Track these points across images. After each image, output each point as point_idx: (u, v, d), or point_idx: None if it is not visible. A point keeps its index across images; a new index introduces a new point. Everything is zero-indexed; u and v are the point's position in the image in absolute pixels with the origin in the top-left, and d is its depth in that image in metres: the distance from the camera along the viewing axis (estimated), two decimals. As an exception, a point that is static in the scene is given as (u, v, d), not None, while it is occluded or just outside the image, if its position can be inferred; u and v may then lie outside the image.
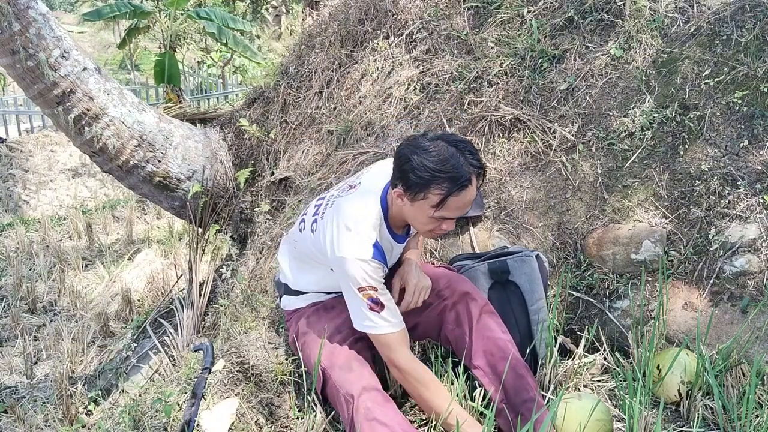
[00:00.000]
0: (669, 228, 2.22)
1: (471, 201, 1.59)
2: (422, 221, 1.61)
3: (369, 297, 1.61)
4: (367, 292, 1.61)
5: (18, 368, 4.10)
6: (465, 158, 1.55)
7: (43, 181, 8.38)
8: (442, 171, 1.53)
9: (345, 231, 1.62)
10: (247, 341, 2.09)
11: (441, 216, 1.58)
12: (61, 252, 5.92)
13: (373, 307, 1.61)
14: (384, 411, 1.55)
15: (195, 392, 1.90)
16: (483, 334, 1.72)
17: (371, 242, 1.61)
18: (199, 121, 3.73)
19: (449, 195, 1.53)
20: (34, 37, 2.73)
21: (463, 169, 1.53)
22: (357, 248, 1.60)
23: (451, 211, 1.57)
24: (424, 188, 1.54)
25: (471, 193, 1.56)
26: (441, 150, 1.55)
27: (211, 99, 13.50)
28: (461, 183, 1.53)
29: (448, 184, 1.53)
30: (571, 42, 2.62)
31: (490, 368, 1.69)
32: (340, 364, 1.67)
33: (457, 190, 1.53)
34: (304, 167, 2.90)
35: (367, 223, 1.63)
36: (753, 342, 1.93)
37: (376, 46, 2.94)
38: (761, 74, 2.28)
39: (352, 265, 1.59)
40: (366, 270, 1.60)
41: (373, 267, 1.61)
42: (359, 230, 1.62)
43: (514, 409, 1.64)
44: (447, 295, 1.81)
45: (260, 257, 2.66)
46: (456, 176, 1.53)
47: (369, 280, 1.60)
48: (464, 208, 1.59)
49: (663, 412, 1.74)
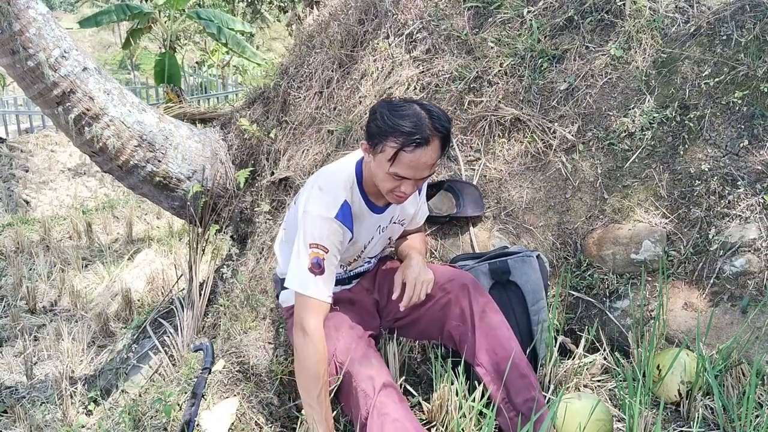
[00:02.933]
0: (669, 228, 2.22)
1: (427, 165, 1.57)
2: (381, 177, 1.61)
3: (315, 256, 1.60)
4: (317, 251, 1.60)
5: (18, 368, 4.10)
6: (431, 121, 1.54)
7: (43, 181, 8.38)
8: (400, 125, 1.53)
9: (317, 191, 1.64)
10: (247, 341, 2.09)
11: (395, 173, 1.57)
12: (61, 252, 5.92)
13: (313, 268, 1.60)
14: (397, 408, 1.54)
15: (195, 392, 1.90)
16: (487, 331, 1.72)
17: (339, 203, 1.63)
18: (199, 121, 3.73)
19: (401, 148, 1.53)
20: (34, 37, 2.73)
21: (423, 128, 1.52)
22: (323, 207, 1.62)
23: (405, 168, 1.55)
24: (382, 139, 1.55)
25: (427, 154, 1.54)
26: (408, 108, 1.56)
27: (211, 99, 13.50)
28: (416, 139, 1.52)
29: (402, 138, 1.53)
30: (571, 42, 2.62)
31: (493, 366, 1.69)
32: (359, 359, 1.64)
33: (411, 146, 1.52)
34: (304, 167, 2.90)
35: (337, 184, 1.65)
36: (753, 342, 1.93)
37: (376, 46, 2.94)
38: (761, 74, 2.28)
39: (312, 220, 1.61)
40: (324, 228, 1.60)
41: (332, 228, 1.61)
42: (329, 190, 1.64)
43: (515, 408, 1.64)
44: (450, 288, 1.79)
45: (260, 257, 2.66)
46: (413, 131, 1.52)
47: (323, 239, 1.60)
48: (419, 169, 1.56)
49: (663, 412, 1.74)
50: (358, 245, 1.80)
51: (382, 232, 1.85)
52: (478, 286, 1.81)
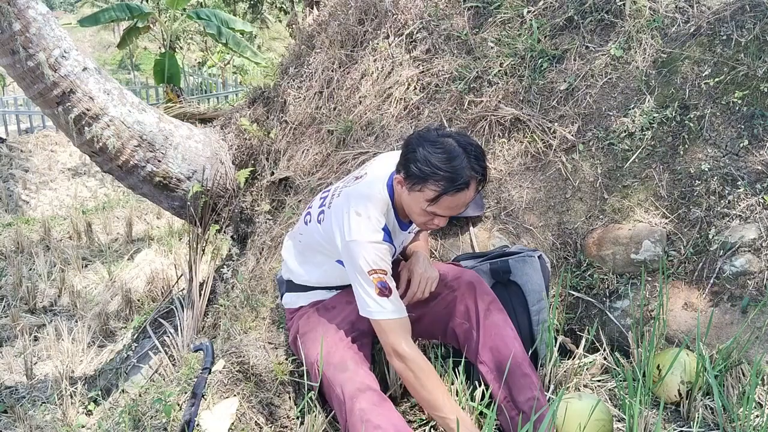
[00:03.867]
0: (669, 228, 2.22)
1: (465, 204, 1.61)
2: (416, 212, 1.63)
3: (380, 281, 1.61)
4: (378, 275, 1.61)
5: (18, 368, 4.10)
6: (469, 161, 1.56)
7: (43, 181, 8.38)
8: (442, 169, 1.54)
9: (355, 216, 1.63)
10: (247, 341, 2.09)
11: (433, 212, 1.60)
12: (61, 252, 5.92)
13: (383, 291, 1.61)
14: (379, 411, 1.54)
15: (195, 392, 1.90)
16: (491, 329, 1.73)
17: (381, 226, 1.64)
18: (199, 121, 3.73)
19: (444, 193, 1.55)
20: (34, 37, 2.73)
21: (463, 172, 1.54)
22: (368, 232, 1.62)
23: (444, 209, 1.59)
24: (423, 181, 1.56)
25: (466, 196, 1.58)
26: (447, 148, 1.56)
27: (211, 99, 13.50)
28: (458, 185, 1.54)
29: (444, 183, 1.54)
30: (571, 42, 2.62)
31: (495, 364, 1.69)
32: (335, 363, 1.67)
33: (453, 191, 1.55)
34: (304, 167, 2.90)
35: (376, 208, 1.65)
36: (753, 342, 1.93)
37: (376, 46, 2.94)
38: (761, 74, 2.28)
39: (364, 248, 1.61)
40: (378, 252, 1.62)
41: (383, 250, 1.63)
42: (369, 215, 1.63)
43: (516, 406, 1.65)
44: (456, 286, 1.80)
45: (260, 257, 2.66)
46: (454, 177, 1.54)
47: (380, 263, 1.62)
48: (457, 209, 1.62)
49: (663, 412, 1.74)
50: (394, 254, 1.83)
51: (403, 243, 1.91)
52: (484, 285, 1.82)
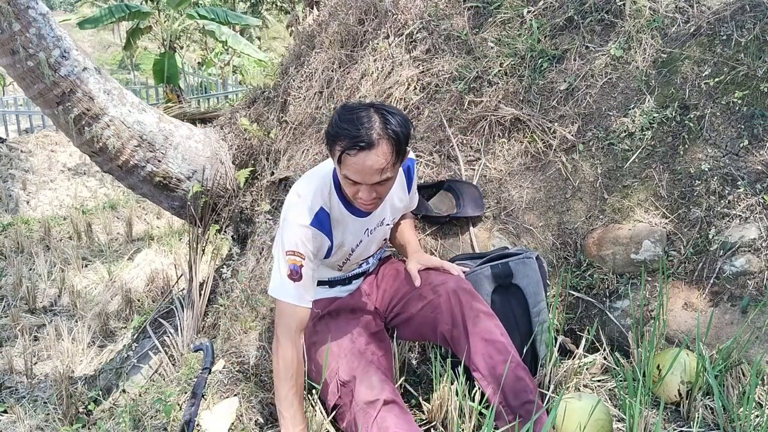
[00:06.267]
0: (669, 228, 2.22)
1: (377, 170, 1.51)
2: (343, 184, 1.61)
3: (293, 263, 1.62)
4: (294, 257, 1.63)
5: (18, 368, 4.10)
6: (382, 123, 1.50)
7: (43, 181, 8.38)
8: (344, 128, 1.50)
9: (295, 197, 1.67)
10: (247, 341, 2.09)
11: (345, 176, 1.55)
12: (61, 252, 5.92)
13: (292, 275, 1.62)
14: (398, 423, 1.53)
15: (195, 392, 1.90)
16: (481, 336, 1.69)
17: (314, 210, 1.65)
18: (199, 121, 3.73)
19: (345, 152, 1.50)
20: (34, 37, 2.73)
21: (367, 132, 1.48)
22: (299, 214, 1.64)
23: (352, 172, 1.52)
24: (332, 143, 1.54)
25: (372, 158, 1.49)
26: (358, 111, 1.53)
27: (211, 99, 13.50)
28: (358, 142, 1.47)
29: (346, 141, 1.49)
30: (571, 42, 2.62)
31: (489, 371, 1.66)
32: (360, 376, 1.63)
33: (354, 149, 1.48)
34: (304, 167, 2.90)
35: (315, 191, 1.67)
36: (753, 342, 1.93)
37: (376, 46, 2.94)
38: (761, 74, 2.28)
39: (289, 228, 1.64)
40: (300, 236, 1.63)
41: (308, 235, 1.64)
42: (306, 197, 1.66)
43: (512, 411, 1.63)
44: (441, 292, 1.77)
45: (260, 257, 2.66)
46: (356, 135, 1.48)
47: (301, 246, 1.63)
48: (367, 173, 1.51)
49: (663, 412, 1.74)
50: (345, 249, 1.80)
51: (371, 234, 1.84)
52: (469, 291, 1.78)
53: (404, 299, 1.85)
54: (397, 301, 1.87)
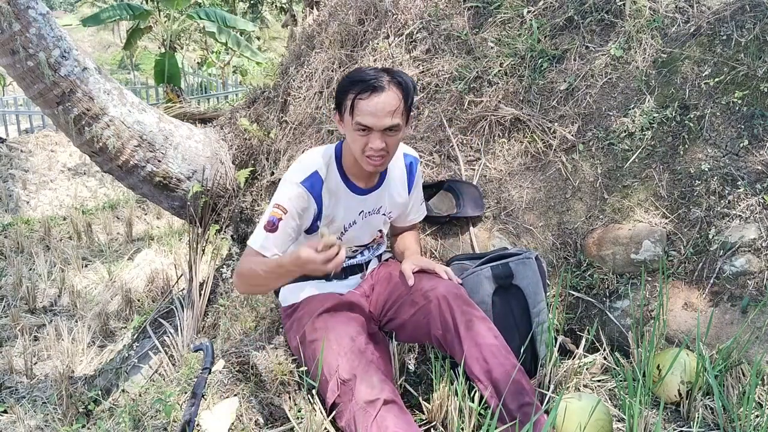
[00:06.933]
0: (669, 228, 2.22)
1: (387, 110, 1.62)
2: (351, 139, 1.69)
3: (274, 215, 1.70)
4: (277, 210, 1.70)
5: (18, 368, 4.10)
6: (389, 74, 1.64)
7: (43, 181, 8.38)
8: (356, 79, 1.64)
9: (297, 162, 1.78)
10: (247, 341, 2.09)
11: (358, 122, 1.64)
12: (61, 252, 5.92)
13: (269, 225, 1.69)
14: (397, 422, 1.52)
15: (195, 392, 1.90)
16: (475, 341, 1.68)
17: (309, 171, 1.73)
18: (199, 121, 3.73)
19: (356, 96, 1.62)
20: (34, 37, 2.73)
21: (377, 79, 1.61)
22: (293, 172, 1.74)
23: (365, 115, 1.62)
24: (343, 98, 1.66)
25: (383, 99, 1.61)
26: (367, 69, 1.68)
27: (211, 99, 13.50)
28: (369, 84, 1.61)
29: (358, 87, 1.62)
30: (571, 42, 2.62)
31: (485, 375, 1.65)
32: (361, 375, 1.62)
33: (367, 92, 1.61)
34: (304, 167, 2.90)
35: (314, 156, 1.77)
36: (753, 342, 1.93)
37: (376, 46, 2.94)
38: (761, 74, 2.28)
39: (284, 183, 1.73)
40: (289, 191, 1.71)
41: (296, 192, 1.71)
42: (305, 161, 1.76)
43: (510, 414, 1.62)
44: (432, 297, 1.75)
45: (260, 257, 2.66)
46: (366, 79, 1.62)
47: (287, 202, 1.70)
48: (379, 116, 1.62)
49: (663, 412, 1.74)
50: (336, 224, 1.83)
51: (366, 217, 1.88)
52: (460, 296, 1.76)
53: (396, 304, 1.84)
54: (389, 306, 1.87)
